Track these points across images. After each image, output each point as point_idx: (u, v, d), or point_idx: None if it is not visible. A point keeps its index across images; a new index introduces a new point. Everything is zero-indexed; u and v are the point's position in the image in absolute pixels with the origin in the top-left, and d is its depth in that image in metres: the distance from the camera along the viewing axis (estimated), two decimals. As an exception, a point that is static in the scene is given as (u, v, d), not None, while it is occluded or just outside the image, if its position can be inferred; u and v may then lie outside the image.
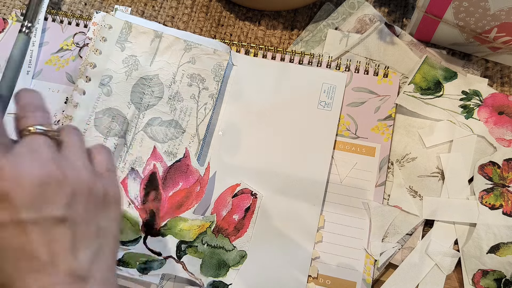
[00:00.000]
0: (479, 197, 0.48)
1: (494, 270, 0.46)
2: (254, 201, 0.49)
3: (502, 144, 0.50)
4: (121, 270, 0.44)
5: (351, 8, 0.59)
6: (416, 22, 0.55)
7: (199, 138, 0.51)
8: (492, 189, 0.49)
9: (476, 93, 0.53)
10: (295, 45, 0.58)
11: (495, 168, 0.49)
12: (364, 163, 0.51)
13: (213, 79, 0.53)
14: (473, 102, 0.53)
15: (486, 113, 0.52)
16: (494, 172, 0.49)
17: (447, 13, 0.52)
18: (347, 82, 0.54)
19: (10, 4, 0.61)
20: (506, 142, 0.51)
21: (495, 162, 0.50)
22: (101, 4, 0.61)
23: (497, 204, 0.48)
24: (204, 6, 0.61)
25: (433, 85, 0.53)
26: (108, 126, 0.50)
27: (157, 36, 0.53)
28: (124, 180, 0.48)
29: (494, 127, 0.51)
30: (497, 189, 0.49)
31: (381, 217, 0.48)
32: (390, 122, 0.52)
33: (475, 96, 0.53)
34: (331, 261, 0.47)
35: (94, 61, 0.51)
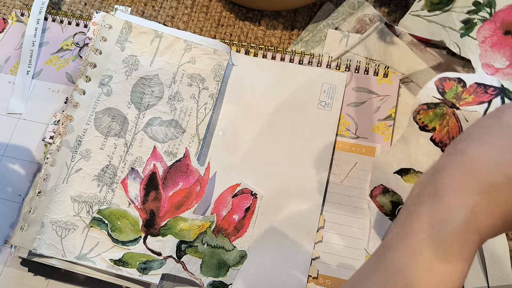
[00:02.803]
0: (416, 111, 0.39)
1: (395, 192, 0.41)
2: (254, 201, 0.49)
3: (485, 71, 0.41)
4: (121, 270, 0.44)
5: (351, 8, 0.59)
6: (416, 22, 0.55)
7: (199, 138, 0.51)
8: (436, 105, 0.38)
9: (490, 4, 0.43)
10: (295, 45, 0.58)
11: (458, 85, 0.39)
12: (364, 163, 0.51)
13: (213, 79, 0.53)
14: (480, 15, 0.43)
15: (488, 30, 0.43)
16: (453, 89, 0.38)
17: (447, 12, 0.51)
18: (347, 82, 0.54)
19: (10, 4, 0.61)
20: (492, 69, 0.41)
21: (462, 80, 0.39)
22: (101, 4, 0.61)
23: (430, 126, 0.39)
24: (204, 6, 0.61)
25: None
26: (108, 126, 0.50)
27: (157, 36, 0.53)
28: (124, 180, 0.48)
29: (489, 49, 0.42)
30: (442, 107, 0.38)
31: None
32: (390, 122, 0.52)
33: (486, 8, 0.43)
34: (331, 261, 0.47)
35: (94, 61, 0.51)
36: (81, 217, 0.46)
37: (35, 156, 0.51)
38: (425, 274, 0.24)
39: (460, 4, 0.45)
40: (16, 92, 0.54)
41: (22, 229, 0.45)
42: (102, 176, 0.48)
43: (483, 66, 0.41)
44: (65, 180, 0.47)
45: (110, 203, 0.47)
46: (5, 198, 0.50)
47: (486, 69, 0.41)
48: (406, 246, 0.25)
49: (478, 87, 0.38)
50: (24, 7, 0.61)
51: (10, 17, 0.59)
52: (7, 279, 0.47)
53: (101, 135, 0.49)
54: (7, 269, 0.47)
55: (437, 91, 0.38)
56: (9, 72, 0.56)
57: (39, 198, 0.46)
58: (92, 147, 0.49)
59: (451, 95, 0.38)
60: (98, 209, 0.47)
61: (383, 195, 0.42)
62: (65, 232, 0.46)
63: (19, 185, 0.50)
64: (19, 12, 0.59)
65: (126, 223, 0.47)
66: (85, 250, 0.45)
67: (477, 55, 0.42)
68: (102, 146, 0.49)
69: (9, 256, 0.47)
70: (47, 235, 0.45)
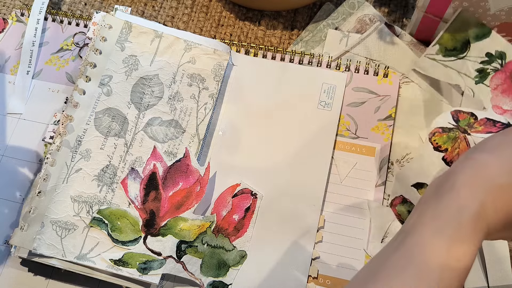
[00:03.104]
0: (431, 132, 0.47)
1: (412, 203, 0.47)
2: (254, 201, 0.49)
3: (495, 111, 0.49)
4: (121, 270, 0.44)
5: (351, 8, 0.59)
6: (416, 22, 0.55)
7: (199, 138, 0.51)
8: (450, 129, 0.46)
9: (501, 56, 0.51)
10: (295, 45, 0.58)
11: (471, 118, 0.47)
12: (364, 163, 0.51)
13: (213, 79, 0.53)
14: (492, 66, 0.51)
15: (499, 79, 0.50)
16: (466, 119, 0.47)
17: (447, 13, 0.52)
18: (347, 82, 0.54)
19: (10, 4, 0.61)
20: (501, 110, 0.49)
21: (474, 114, 0.48)
22: (101, 4, 0.61)
23: (443, 147, 0.46)
24: (204, 6, 0.61)
25: (460, 45, 0.52)
26: (108, 126, 0.50)
27: (157, 36, 0.53)
28: (124, 180, 0.48)
29: (500, 95, 0.50)
30: (455, 131, 0.46)
31: (380, 217, 0.48)
32: (390, 122, 0.52)
33: (498, 60, 0.51)
34: (331, 261, 0.47)
35: (94, 61, 0.51)
36: (81, 217, 0.46)
37: (35, 156, 0.51)
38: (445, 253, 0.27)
39: (474, 53, 0.52)
40: (16, 92, 0.54)
41: (22, 229, 0.45)
42: (102, 176, 0.48)
43: (493, 107, 0.49)
44: (65, 180, 0.47)
45: (110, 203, 0.47)
46: (5, 198, 0.50)
47: (496, 109, 0.49)
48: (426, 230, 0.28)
49: (488, 121, 0.47)
50: (24, 7, 0.61)
51: (10, 17, 0.59)
52: (7, 279, 0.47)
53: (101, 135, 0.49)
54: (7, 269, 0.47)
55: (452, 119, 0.47)
56: (9, 72, 0.56)
57: (39, 198, 0.46)
58: (92, 147, 0.49)
59: (464, 123, 0.47)
60: (98, 209, 0.47)
61: (401, 204, 0.47)
62: (65, 232, 0.46)
63: (19, 185, 0.50)
64: (19, 12, 0.59)
65: (126, 223, 0.47)
66: (85, 250, 0.45)
67: (489, 98, 0.49)
68: (102, 146, 0.49)
69: (9, 256, 0.47)
70: (47, 235, 0.45)
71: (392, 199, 0.47)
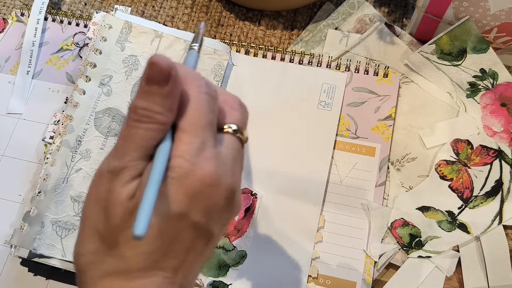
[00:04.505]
0: (437, 164, 0.50)
1: (414, 225, 0.48)
2: (254, 201, 0.49)
3: (486, 132, 0.51)
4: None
5: (351, 8, 0.59)
6: (416, 22, 0.55)
7: (199, 138, 0.51)
8: (453, 163, 0.50)
9: (493, 76, 0.53)
10: (295, 45, 0.58)
11: (468, 147, 0.50)
12: (364, 163, 0.51)
13: (213, 79, 0.53)
14: (484, 83, 0.53)
15: (489, 99, 0.52)
16: (464, 150, 0.50)
17: (447, 13, 0.52)
18: (347, 82, 0.54)
19: (10, 4, 0.61)
20: (491, 132, 0.51)
21: (470, 142, 0.51)
22: (101, 4, 0.61)
23: (449, 176, 0.50)
24: (204, 6, 0.61)
25: (456, 52, 0.53)
26: (108, 126, 0.50)
27: (157, 36, 0.53)
28: (124, 180, 0.48)
29: (489, 115, 0.52)
30: (457, 164, 0.50)
31: (380, 218, 0.48)
32: (390, 122, 0.52)
33: (490, 79, 0.53)
34: (331, 261, 0.47)
35: (94, 61, 0.51)
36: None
37: (35, 156, 0.51)
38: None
39: (468, 65, 0.53)
40: (16, 92, 0.54)
41: (22, 229, 0.44)
42: (102, 176, 0.48)
43: (484, 127, 0.52)
44: (65, 180, 0.47)
45: (110, 203, 0.47)
46: (5, 198, 0.50)
47: (487, 130, 0.51)
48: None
49: (482, 149, 0.51)
50: (24, 7, 0.60)
51: (10, 17, 0.59)
52: (7, 279, 0.46)
53: (101, 135, 0.49)
54: (7, 269, 0.47)
55: (453, 151, 0.51)
56: (9, 72, 0.56)
57: (39, 198, 0.46)
58: (92, 147, 0.49)
59: (463, 156, 0.50)
60: (98, 209, 0.47)
61: (402, 228, 0.48)
62: (65, 232, 0.46)
63: (19, 185, 0.50)
64: (19, 12, 0.59)
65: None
66: (85, 250, 0.45)
67: (479, 116, 0.52)
68: (102, 146, 0.49)
69: (9, 256, 0.47)
70: (47, 235, 0.45)
71: (392, 221, 0.48)
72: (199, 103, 0.26)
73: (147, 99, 0.25)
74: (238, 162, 0.28)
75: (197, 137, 0.25)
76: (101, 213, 0.25)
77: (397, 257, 0.47)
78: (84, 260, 0.26)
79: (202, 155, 0.25)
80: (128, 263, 0.25)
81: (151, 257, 0.25)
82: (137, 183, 0.25)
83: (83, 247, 0.26)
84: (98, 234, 0.26)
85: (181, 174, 0.24)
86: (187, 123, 0.25)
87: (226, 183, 0.26)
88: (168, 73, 0.24)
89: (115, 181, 0.25)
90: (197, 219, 0.25)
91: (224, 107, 0.28)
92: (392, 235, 0.48)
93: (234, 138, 0.28)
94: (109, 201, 0.25)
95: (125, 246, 0.25)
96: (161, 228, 0.25)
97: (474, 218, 0.48)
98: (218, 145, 0.26)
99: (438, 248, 0.47)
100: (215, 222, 0.26)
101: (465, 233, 0.47)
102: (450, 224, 0.48)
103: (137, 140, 0.25)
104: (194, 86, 0.26)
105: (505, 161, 0.50)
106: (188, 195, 0.24)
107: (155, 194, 0.23)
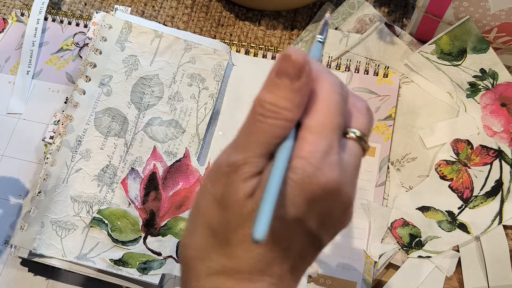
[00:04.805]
0: (437, 164, 0.50)
1: (414, 225, 0.48)
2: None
3: (486, 132, 0.51)
4: (121, 270, 0.44)
5: (351, 8, 0.59)
6: (416, 22, 0.55)
7: (199, 138, 0.51)
8: (453, 163, 0.50)
9: (493, 76, 0.53)
10: (295, 45, 0.58)
11: (468, 147, 0.50)
12: (364, 163, 0.50)
13: (213, 79, 0.53)
14: (484, 83, 0.53)
15: (489, 99, 0.52)
16: (464, 150, 0.50)
17: (447, 13, 0.52)
18: (347, 82, 0.54)
19: (10, 4, 0.61)
20: (491, 132, 0.51)
21: (470, 142, 0.51)
22: (101, 4, 0.61)
23: (449, 177, 0.50)
24: (204, 6, 0.61)
25: (456, 52, 0.53)
26: (108, 126, 0.50)
27: (157, 36, 0.53)
28: (124, 180, 0.48)
29: (489, 115, 0.52)
30: (457, 164, 0.50)
31: (380, 218, 0.48)
32: (390, 122, 0.52)
33: (490, 79, 0.53)
34: (331, 261, 0.47)
35: (94, 61, 0.51)
36: (81, 217, 0.46)
37: (35, 156, 0.51)
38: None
39: (468, 65, 0.53)
40: (16, 92, 0.54)
41: (22, 229, 0.44)
42: (102, 176, 0.48)
43: (484, 127, 0.52)
44: (65, 180, 0.47)
45: (110, 203, 0.47)
46: (5, 198, 0.50)
47: (487, 130, 0.51)
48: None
49: (482, 149, 0.51)
50: (24, 7, 0.60)
51: (10, 17, 0.59)
52: (7, 279, 0.46)
53: (101, 135, 0.49)
54: (7, 269, 0.47)
55: (453, 151, 0.51)
56: (9, 72, 0.56)
57: (39, 198, 0.46)
58: (92, 147, 0.49)
59: (463, 156, 0.50)
60: (98, 209, 0.47)
61: (402, 228, 0.48)
62: (65, 232, 0.46)
63: (19, 185, 0.50)
64: (19, 12, 0.59)
65: (126, 223, 0.47)
66: (85, 250, 0.45)
67: (479, 116, 0.52)
68: (102, 146, 0.49)
69: (9, 256, 0.47)
70: (47, 235, 0.45)
71: (392, 221, 0.48)
72: (331, 103, 0.24)
73: (276, 93, 0.23)
74: (357, 171, 0.26)
75: (325, 139, 0.23)
76: (216, 208, 0.24)
77: (397, 257, 0.47)
78: (191, 254, 0.25)
79: (327, 159, 0.23)
80: (238, 264, 0.24)
81: (263, 261, 0.24)
82: (256, 181, 0.23)
83: (192, 239, 0.25)
84: (211, 229, 0.24)
85: (303, 178, 0.23)
86: (316, 123, 0.23)
87: (346, 193, 0.24)
88: (302, 67, 0.23)
89: (234, 176, 0.24)
90: (312, 226, 0.24)
91: (351, 110, 0.26)
92: (392, 235, 0.48)
93: (358, 145, 0.26)
94: (226, 197, 0.24)
95: (237, 246, 0.24)
96: (275, 231, 0.23)
97: (474, 218, 0.48)
98: (341, 151, 0.25)
99: (438, 248, 0.47)
100: (327, 231, 0.25)
101: (465, 233, 0.47)
102: (450, 224, 0.48)
103: (261, 135, 0.23)
104: (327, 84, 0.24)
105: (505, 161, 0.50)
106: (308, 200, 0.23)
107: (276, 197, 0.21)
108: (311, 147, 0.23)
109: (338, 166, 0.23)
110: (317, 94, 0.24)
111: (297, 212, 0.23)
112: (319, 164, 0.23)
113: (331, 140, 0.23)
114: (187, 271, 0.25)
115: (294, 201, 0.23)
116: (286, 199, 0.23)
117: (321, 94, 0.24)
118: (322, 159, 0.23)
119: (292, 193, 0.23)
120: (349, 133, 0.25)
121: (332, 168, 0.23)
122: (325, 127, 0.23)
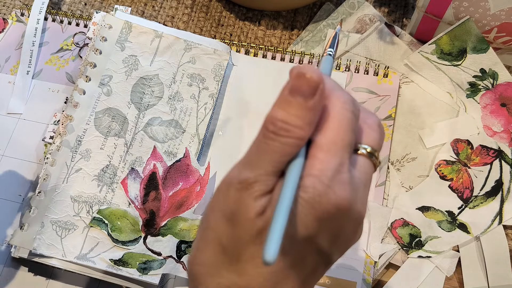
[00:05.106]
0: (437, 164, 0.50)
1: (414, 225, 0.48)
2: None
3: (486, 132, 0.51)
4: (121, 270, 0.44)
5: (351, 8, 0.59)
6: (416, 22, 0.55)
7: (199, 138, 0.51)
8: (453, 163, 0.50)
9: (493, 76, 0.52)
10: (295, 45, 0.58)
11: (468, 147, 0.50)
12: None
13: (213, 79, 0.53)
14: (484, 83, 0.53)
15: (489, 99, 0.52)
16: (464, 150, 0.50)
17: (447, 13, 0.52)
18: (347, 82, 0.54)
19: (10, 4, 0.61)
20: (491, 132, 0.51)
21: (470, 142, 0.51)
22: (101, 4, 0.61)
23: (449, 176, 0.50)
24: (204, 6, 0.61)
25: (456, 52, 0.53)
26: (108, 126, 0.50)
27: (157, 36, 0.53)
28: (124, 180, 0.48)
29: (489, 115, 0.52)
30: (457, 164, 0.50)
31: (380, 218, 0.48)
32: (390, 122, 0.52)
33: (490, 79, 0.52)
34: (331, 261, 0.47)
35: (94, 61, 0.51)
36: (81, 217, 0.46)
37: (35, 156, 0.51)
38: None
39: (468, 65, 0.53)
40: (16, 92, 0.54)
41: (22, 229, 0.45)
42: (102, 176, 0.48)
43: (484, 127, 0.52)
44: (65, 180, 0.47)
45: (110, 203, 0.47)
46: (5, 198, 0.50)
47: (487, 130, 0.51)
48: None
49: (482, 149, 0.50)
50: (24, 7, 0.60)
51: (10, 17, 0.59)
52: (7, 279, 0.47)
53: (101, 135, 0.49)
54: (7, 269, 0.47)
55: (453, 151, 0.51)
56: (9, 72, 0.56)
57: (39, 198, 0.46)
58: (92, 147, 0.49)
59: (463, 156, 0.50)
60: (98, 209, 0.47)
61: (402, 228, 0.48)
62: (65, 232, 0.46)
63: (19, 185, 0.50)
64: (19, 12, 0.59)
65: (126, 223, 0.47)
66: (85, 250, 0.45)
67: (479, 116, 0.52)
68: (102, 146, 0.49)
69: (9, 256, 0.47)
70: (47, 235, 0.45)
71: (392, 221, 0.48)
72: (343, 120, 0.24)
73: (288, 110, 0.23)
74: (368, 188, 0.26)
75: (336, 157, 0.23)
76: (227, 225, 0.24)
77: (397, 257, 0.47)
78: (200, 270, 0.25)
79: (338, 178, 0.23)
80: (248, 281, 0.24)
81: (272, 279, 0.24)
82: (267, 199, 0.23)
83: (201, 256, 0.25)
84: (221, 245, 0.25)
85: (314, 197, 0.23)
86: (327, 141, 0.23)
87: (357, 211, 0.24)
88: (317, 86, 0.22)
89: (245, 194, 0.24)
90: (323, 245, 0.24)
91: (362, 126, 0.26)
92: (392, 235, 0.48)
93: (369, 161, 0.25)
94: (236, 214, 0.24)
95: (248, 263, 0.24)
96: (286, 250, 0.23)
97: (474, 218, 0.48)
98: (352, 168, 0.25)
99: (438, 248, 0.47)
100: (337, 249, 0.25)
101: (465, 233, 0.47)
102: (450, 224, 0.48)
103: (272, 154, 0.23)
104: (340, 102, 0.24)
105: (505, 161, 0.50)
106: (319, 219, 0.23)
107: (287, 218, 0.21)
108: (322, 165, 0.23)
109: (349, 184, 0.23)
110: (328, 111, 0.24)
111: (308, 231, 0.23)
112: (330, 183, 0.23)
113: (342, 158, 0.23)
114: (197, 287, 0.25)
115: (305, 220, 0.23)
116: (297, 218, 0.23)
117: (333, 112, 0.24)
118: (333, 178, 0.23)
119: (303, 212, 0.23)
120: (360, 149, 0.25)
121: (343, 187, 0.23)
122: (336, 145, 0.23)
